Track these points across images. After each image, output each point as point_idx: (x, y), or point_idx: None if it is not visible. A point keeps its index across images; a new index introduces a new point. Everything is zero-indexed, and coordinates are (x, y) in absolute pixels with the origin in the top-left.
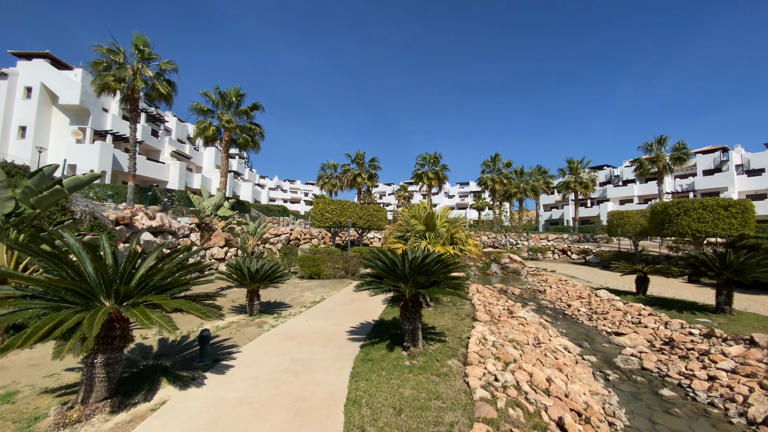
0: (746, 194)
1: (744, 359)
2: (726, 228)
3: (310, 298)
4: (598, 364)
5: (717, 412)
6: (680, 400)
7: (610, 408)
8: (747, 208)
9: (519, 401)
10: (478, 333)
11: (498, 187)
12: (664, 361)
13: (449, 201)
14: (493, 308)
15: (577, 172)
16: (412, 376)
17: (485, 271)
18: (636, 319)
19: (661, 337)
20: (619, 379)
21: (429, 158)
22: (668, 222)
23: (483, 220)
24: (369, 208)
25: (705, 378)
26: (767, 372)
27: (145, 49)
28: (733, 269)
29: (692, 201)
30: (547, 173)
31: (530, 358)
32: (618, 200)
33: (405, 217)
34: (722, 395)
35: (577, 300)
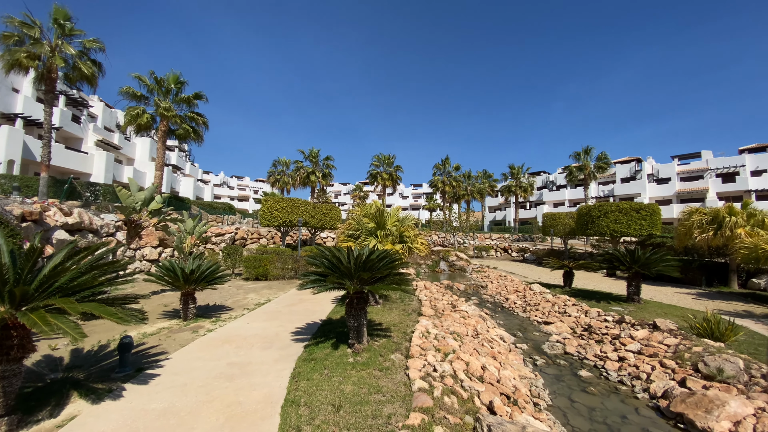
0: (655, 200)
1: (648, 341)
2: (638, 228)
3: (255, 300)
4: (528, 351)
5: (625, 389)
6: (595, 379)
7: (536, 390)
8: (655, 212)
9: (454, 389)
10: (422, 327)
11: (448, 189)
12: (583, 345)
13: (403, 202)
14: (438, 303)
15: (517, 177)
16: (354, 372)
17: (435, 268)
18: (562, 309)
19: (582, 325)
20: (545, 363)
21: (384, 159)
22: (591, 223)
23: (434, 221)
24: (322, 207)
25: (616, 359)
26: (666, 352)
27: (66, 24)
28: (640, 264)
29: (610, 205)
30: (492, 177)
31: (468, 348)
32: (552, 203)
33: (357, 216)
34: (630, 374)
35: (514, 294)
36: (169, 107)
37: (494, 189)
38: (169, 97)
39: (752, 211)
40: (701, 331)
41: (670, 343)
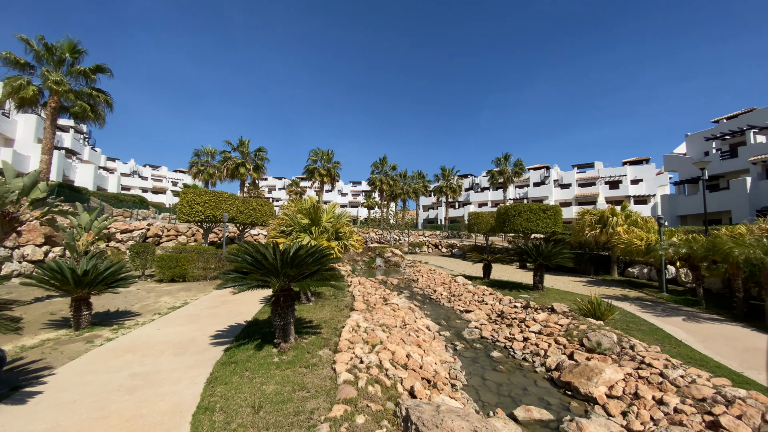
0: (559, 202)
1: (546, 323)
2: (544, 226)
3: (169, 303)
4: (450, 338)
5: (527, 364)
6: (504, 359)
7: (454, 372)
8: (557, 212)
9: (379, 378)
10: (352, 321)
11: (385, 187)
12: (496, 329)
13: (342, 199)
14: (371, 298)
15: (448, 179)
16: (278, 371)
17: (371, 264)
18: (481, 298)
19: (496, 311)
20: (464, 347)
21: (322, 154)
22: (508, 221)
23: (372, 218)
24: (252, 201)
25: (521, 340)
26: (560, 331)
27: None
28: (544, 256)
29: (524, 206)
30: (426, 178)
31: (396, 338)
32: (477, 204)
33: (290, 212)
34: (531, 351)
35: (441, 286)
36: (61, 80)
37: (428, 189)
38: (62, 68)
39: (629, 212)
40: (587, 312)
41: (563, 323)
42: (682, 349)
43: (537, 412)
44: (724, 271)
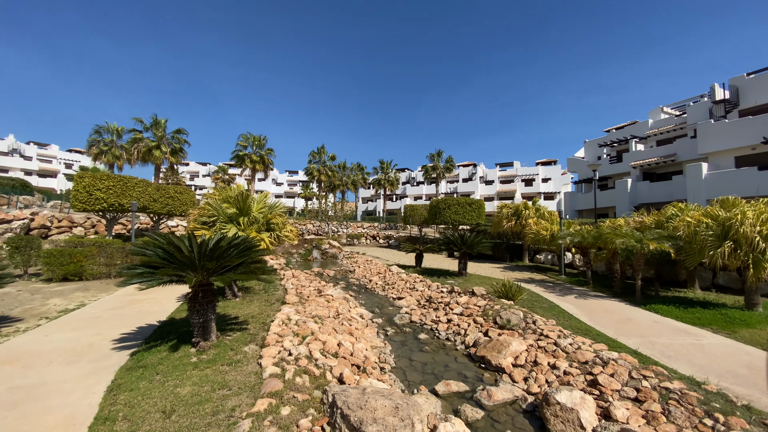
0: (484, 197)
1: (467, 305)
2: (470, 219)
3: (60, 305)
4: (382, 324)
5: (450, 344)
6: (430, 340)
7: (383, 356)
8: (481, 206)
9: (308, 368)
10: (283, 315)
11: (323, 178)
12: (424, 313)
13: (278, 188)
14: (305, 290)
15: (386, 172)
16: (196, 372)
17: (307, 257)
18: (412, 286)
19: (425, 297)
20: (395, 332)
21: (253, 140)
22: (439, 214)
23: (310, 209)
24: (170, 189)
25: (445, 321)
26: (478, 311)
27: None
28: (467, 245)
29: (453, 199)
30: (365, 170)
31: (328, 329)
32: (413, 197)
33: (214, 200)
34: (454, 331)
35: (377, 275)
36: None
37: (367, 181)
38: None
39: (538, 207)
40: (500, 294)
41: (481, 305)
42: (573, 321)
43: (455, 385)
44: (607, 255)
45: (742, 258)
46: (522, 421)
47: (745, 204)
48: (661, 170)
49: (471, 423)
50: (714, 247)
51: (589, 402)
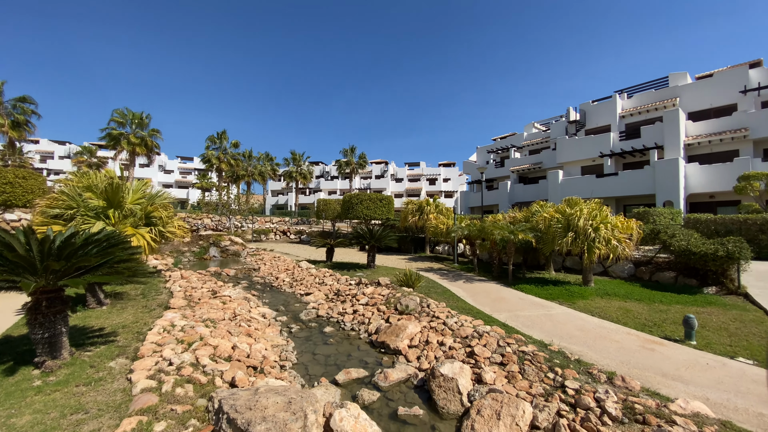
0: (394, 193)
1: (373, 295)
2: (380, 214)
3: None
4: (287, 322)
5: (354, 333)
6: (336, 332)
7: (285, 354)
8: (390, 202)
9: (193, 377)
10: (165, 321)
11: (225, 167)
12: (331, 307)
13: (167, 177)
14: (196, 292)
15: (299, 164)
16: (40, 397)
17: (202, 255)
18: (321, 280)
19: (334, 290)
20: (299, 329)
21: (132, 117)
22: (352, 209)
23: (208, 202)
24: (8, 172)
25: (351, 312)
26: (382, 300)
27: None
28: (375, 239)
29: (364, 195)
30: (275, 161)
31: (221, 332)
32: (328, 191)
33: (72, 189)
34: (359, 321)
35: (284, 272)
36: None
37: (277, 173)
38: None
39: (438, 204)
40: (403, 282)
41: (384, 294)
42: (460, 302)
43: (355, 372)
44: (489, 245)
45: (580, 245)
46: (413, 395)
47: (583, 203)
48: (531, 175)
49: (367, 405)
50: (561, 236)
51: (467, 370)
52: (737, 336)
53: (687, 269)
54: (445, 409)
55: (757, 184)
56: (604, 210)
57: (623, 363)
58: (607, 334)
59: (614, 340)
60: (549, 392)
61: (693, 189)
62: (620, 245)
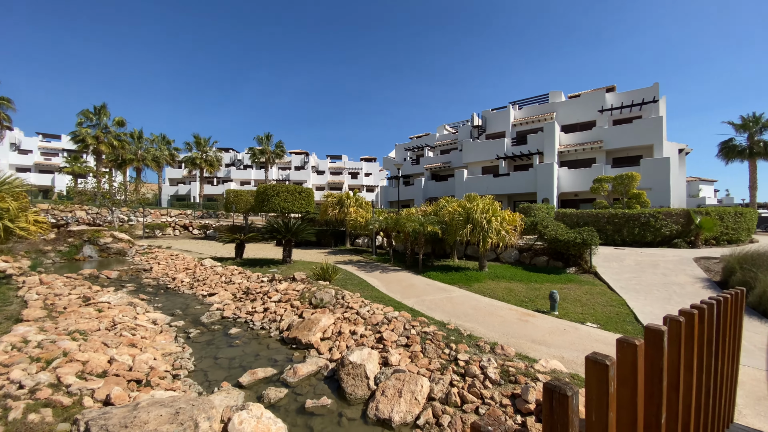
0: (316, 186)
1: (287, 291)
2: (299, 207)
3: None
4: (184, 327)
5: (264, 332)
6: (243, 333)
7: (179, 362)
8: (310, 194)
9: (52, 399)
10: (13, 337)
11: (105, 149)
12: (239, 307)
13: (23, 158)
14: (60, 300)
15: (204, 150)
16: None
17: (74, 255)
18: (229, 279)
19: (243, 289)
20: (199, 333)
21: None
22: (267, 201)
23: (81, 190)
24: None
25: (262, 311)
26: (296, 296)
27: None
28: (292, 232)
29: (281, 186)
30: (172, 144)
31: (94, 345)
32: (240, 181)
33: None
34: (270, 319)
35: (184, 272)
36: None
37: (176, 159)
38: None
39: (358, 197)
40: (319, 276)
41: (299, 289)
42: (374, 292)
43: (262, 372)
44: (403, 237)
45: (477, 235)
46: (323, 387)
47: (480, 199)
48: (442, 173)
49: (274, 403)
50: (462, 228)
51: (375, 355)
52: (587, 305)
53: (556, 254)
54: (352, 395)
55: (606, 186)
56: (495, 205)
57: (504, 334)
58: (495, 310)
59: (499, 316)
60: (444, 366)
61: (563, 188)
62: (508, 235)
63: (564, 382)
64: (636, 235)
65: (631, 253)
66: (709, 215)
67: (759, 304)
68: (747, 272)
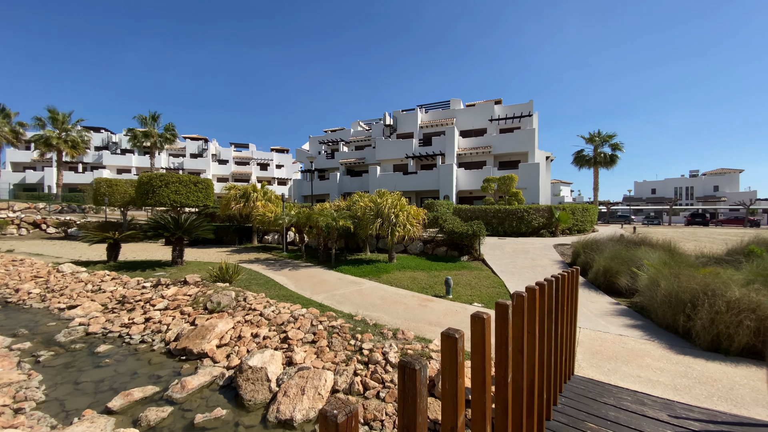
0: (217, 177)
1: (176, 296)
2: (195, 200)
3: None
4: (32, 349)
5: (145, 346)
6: (116, 349)
7: (23, 393)
8: (209, 186)
9: None
10: None
11: None
12: (112, 319)
13: None
14: None
15: (64, 127)
16: None
17: None
18: (97, 287)
19: (117, 298)
20: (54, 355)
21: None
22: (152, 193)
23: None
24: None
25: (142, 322)
26: (188, 301)
27: None
28: (183, 229)
29: (171, 175)
30: (15, 117)
31: None
32: (116, 169)
33: None
34: (153, 330)
35: (32, 281)
36: None
37: (21, 137)
38: None
39: (266, 190)
40: (217, 278)
41: (192, 293)
42: (282, 290)
43: (140, 392)
44: (315, 232)
45: (386, 229)
46: (217, 398)
47: (390, 194)
48: (357, 169)
49: (154, 426)
50: (373, 222)
51: (278, 356)
52: (475, 288)
53: (453, 244)
54: (252, 401)
55: (493, 185)
56: (402, 200)
57: (407, 319)
58: (399, 299)
59: (403, 303)
60: (350, 357)
61: (461, 187)
62: (413, 228)
63: (415, 358)
64: (514, 227)
65: (510, 242)
66: (564, 211)
67: (596, 279)
68: (588, 255)
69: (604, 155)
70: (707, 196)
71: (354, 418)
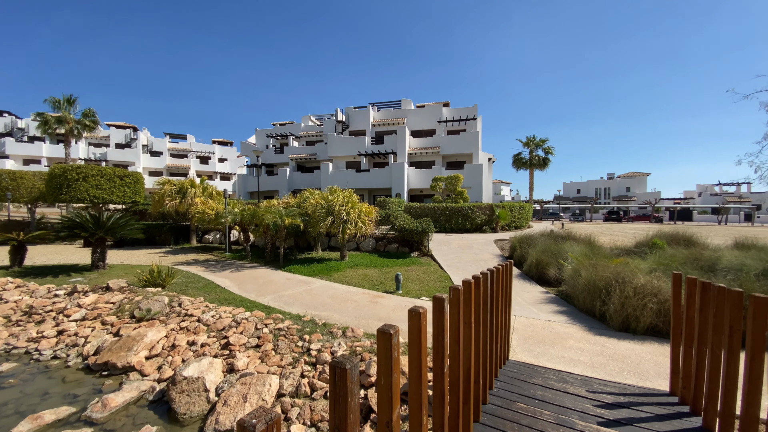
0: (149, 170)
1: (95, 305)
2: (121, 195)
3: None
4: None
5: (58, 362)
6: (22, 368)
7: None
8: (138, 180)
9: None
10: None
11: None
12: (16, 334)
13: None
14: None
15: None
16: None
17: None
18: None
19: (23, 308)
20: None
21: None
22: (67, 187)
23: None
24: None
25: (54, 335)
26: (111, 310)
27: None
28: (105, 229)
29: (91, 168)
30: None
31: None
32: (22, 159)
33: None
34: (68, 344)
35: None
36: None
37: None
38: None
39: (206, 186)
40: (147, 282)
41: (116, 301)
42: (223, 294)
43: (52, 414)
44: (262, 231)
45: (337, 226)
46: (146, 414)
47: (341, 192)
48: (308, 164)
49: None
50: (324, 219)
51: (217, 364)
52: (424, 282)
53: (404, 241)
54: (187, 414)
55: (441, 184)
56: (354, 197)
57: (357, 317)
58: (350, 296)
59: (353, 301)
60: (297, 359)
61: (412, 185)
62: (365, 226)
63: (346, 357)
64: (460, 224)
65: (456, 238)
66: (504, 209)
67: (529, 271)
68: (523, 249)
69: (539, 158)
70: (621, 196)
71: (275, 425)
